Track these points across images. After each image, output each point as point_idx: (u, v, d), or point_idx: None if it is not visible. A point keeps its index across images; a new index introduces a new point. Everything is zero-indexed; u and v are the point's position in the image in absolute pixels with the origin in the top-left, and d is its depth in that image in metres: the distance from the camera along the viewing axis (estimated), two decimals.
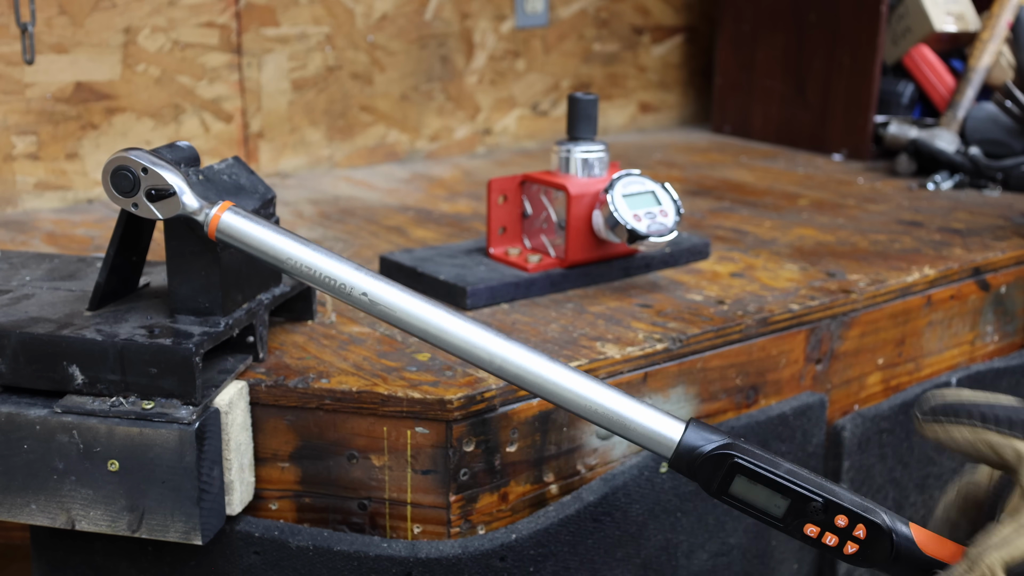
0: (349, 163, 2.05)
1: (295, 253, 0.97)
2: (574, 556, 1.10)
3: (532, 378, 0.94)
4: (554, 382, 0.94)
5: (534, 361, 0.94)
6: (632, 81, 2.43)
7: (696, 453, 0.92)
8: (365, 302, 0.96)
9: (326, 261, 0.97)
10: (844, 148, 2.17)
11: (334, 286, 0.96)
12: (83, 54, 1.72)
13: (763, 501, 0.92)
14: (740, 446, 0.92)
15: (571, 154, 1.32)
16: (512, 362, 0.94)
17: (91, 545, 1.10)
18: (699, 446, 0.92)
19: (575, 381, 0.94)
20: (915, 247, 1.54)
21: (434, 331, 0.95)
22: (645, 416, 0.93)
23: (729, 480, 0.92)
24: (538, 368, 0.94)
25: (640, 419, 0.93)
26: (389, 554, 1.04)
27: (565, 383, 0.94)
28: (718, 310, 1.27)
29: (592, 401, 0.94)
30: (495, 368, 0.95)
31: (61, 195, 1.74)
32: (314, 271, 0.97)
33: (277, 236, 0.97)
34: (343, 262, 0.97)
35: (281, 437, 1.07)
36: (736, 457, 0.91)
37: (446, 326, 0.95)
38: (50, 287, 1.13)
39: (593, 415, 0.94)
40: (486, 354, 0.95)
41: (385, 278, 0.97)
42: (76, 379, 0.99)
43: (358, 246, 1.52)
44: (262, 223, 0.98)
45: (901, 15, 2.15)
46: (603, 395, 0.94)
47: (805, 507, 0.91)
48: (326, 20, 1.95)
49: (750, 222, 1.67)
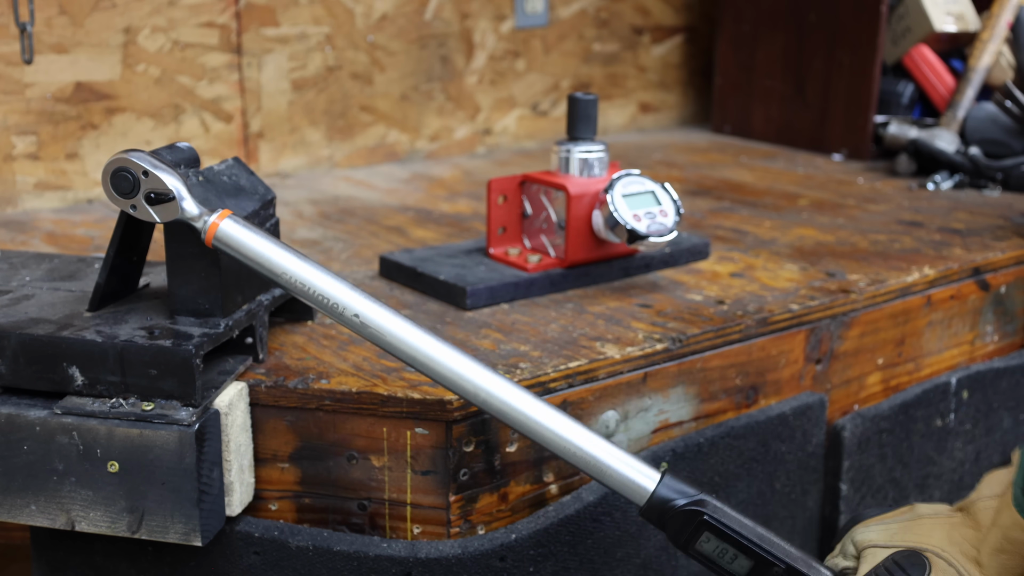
0: (349, 163, 2.05)
1: (290, 268, 0.98)
2: (574, 556, 1.10)
3: (515, 415, 0.96)
4: (537, 421, 0.96)
5: (519, 398, 0.96)
6: (632, 81, 2.43)
7: (668, 506, 0.95)
8: (356, 323, 0.97)
9: (321, 278, 0.97)
10: (844, 148, 2.17)
11: (327, 304, 0.97)
12: (83, 54, 1.72)
13: (727, 560, 0.95)
14: (712, 504, 0.95)
15: (571, 154, 1.32)
16: (497, 397, 0.96)
17: (91, 546, 1.10)
18: (672, 499, 0.95)
19: (558, 422, 0.96)
20: (915, 247, 1.54)
21: (422, 359, 0.97)
22: (622, 464, 0.96)
23: (696, 535, 0.95)
24: (522, 405, 0.96)
25: (616, 466, 0.96)
26: (389, 554, 1.04)
27: (549, 424, 0.96)
28: (718, 310, 1.27)
29: (572, 444, 0.96)
30: (479, 401, 0.97)
31: (61, 195, 1.74)
32: (308, 287, 0.97)
33: (274, 248, 0.98)
34: (338, 280, 0.98)
35: (281, 438, 1.07)
36: (706, 515, 0.94)
37: (434, 355, 0.97)
38: (50, 287, 1.13)
39: (572, 457, 0.96)
40: (471, 387, 0.97)
41: (379, 301, 0.98)
42: (76, 380, 0.99)
43: (358, 246, 1.52)
44: (260, 233, 0.98)
45: (901, 15, 2.15)
46: (584, 439, 0.96)
47: (768, 571, 0.93)
48: (326, 20, 1.95)
49: (750, 222, 1.67)
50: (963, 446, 1.50)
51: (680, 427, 1.22)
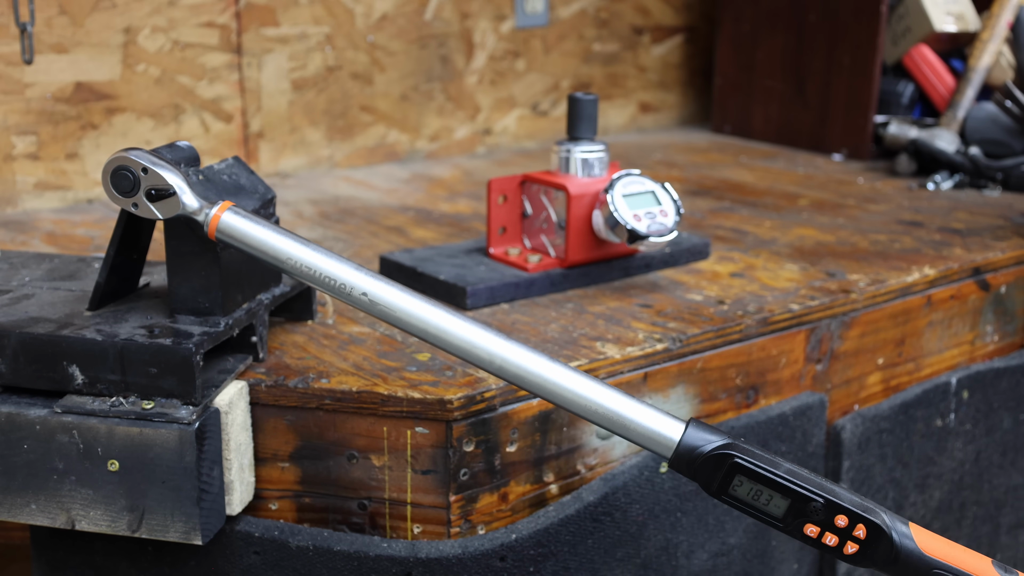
0: (349, 163, 2.05)
1: (295, 253, 0.97)
2: (574, 556, 1.10)
3: (532, 378, 0.94)
4: (555, 382, 0.94)
5: (534, 361, 0.94)
6: (632, 81, 2.43)
7: (696, 453, 0.92)
8: (365, 302, 0.96)
9: (326, 261, 0.97)
10: (844, 148, 2.17)
11: (334, 286, 0.96)
12: (83, 54, 1.72)
13: (763, 501, 0.92)
14: (740, 446, 0.92)
15: (571, 154, 1.32)
16: (512, 362, 0.94)
17: (91, 545, 1.10)
18: (699, 446, 0.92)
19: (576, 381, 0.94)
20: (915, 247, 1.54)
21: (434, 331, 0.95)
22: (645, 416, 0.93)
23: (729, 480, 0.92)
24: (538, 368, 0.94)
25: (640, 419, 0.93)
26: (389, 554, 1.04)
27: (566, 383, 0.94)
28: (718, 310, 1.27)
29: (592, 401, 0.94)
30: (495, 368, 0.95)
31: (61, 195, 1.74)
32: (314, 271, 0.97)
33: (277, 236, 0.97)
34: (343, 262, 0.97)
35: (281, 437, 1.07)
36: (736, 457, 0.91)
37: (446, 326, 0.95)
38: (50, 287, 1.13)
39: (593, 415, 0.94)
40: (486, 354, 0.95)
41: (384, 278, 0.97)
42: (76, 379, 0.99)
43: (358, 246, 1.52)
44: (262, 223, 0.98)
45: (901, 15, 2.15)
46: (603, 395, 0.94)
47: (805, 507, 0.91)
48: (326, 20, 1.95)
49: (750, 222, 1.67)
50: (963, 446, 1.50)
51: None
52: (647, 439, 0.94)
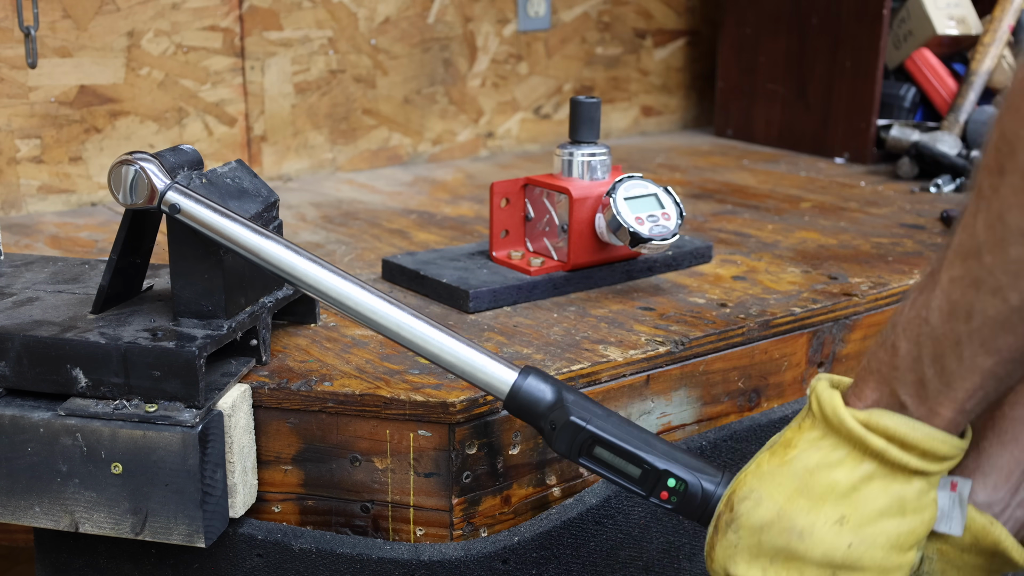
0: (352, 166, 2.05)
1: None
2: (576, 559, 1.10)
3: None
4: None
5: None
6: (634, 84, 2.43)
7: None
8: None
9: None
10: (846, 151, 2.17)
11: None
12: (87, 58, 1.72)
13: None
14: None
15: (573, 157, 1.32)
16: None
17: (94, 548, 1.11)
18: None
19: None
20: (917, 250, 1.55)
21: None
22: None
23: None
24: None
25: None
26: (392, 557, 1.04)
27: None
28: (720, 313, 1.27)
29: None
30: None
31: (65, 198, 1.75)
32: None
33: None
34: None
35: (284, 440, 1.07)
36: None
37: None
38: (54, 290, 1.13)
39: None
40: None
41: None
42: (79, 382, 0.99)
43: (360, 249, 1.52)
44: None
45: (903, 19, 2.16)
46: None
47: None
48: (329, 24, 1.96)
49: (752, 225, 1.68)
50: None
51: (683, 430, 1.22)
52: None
